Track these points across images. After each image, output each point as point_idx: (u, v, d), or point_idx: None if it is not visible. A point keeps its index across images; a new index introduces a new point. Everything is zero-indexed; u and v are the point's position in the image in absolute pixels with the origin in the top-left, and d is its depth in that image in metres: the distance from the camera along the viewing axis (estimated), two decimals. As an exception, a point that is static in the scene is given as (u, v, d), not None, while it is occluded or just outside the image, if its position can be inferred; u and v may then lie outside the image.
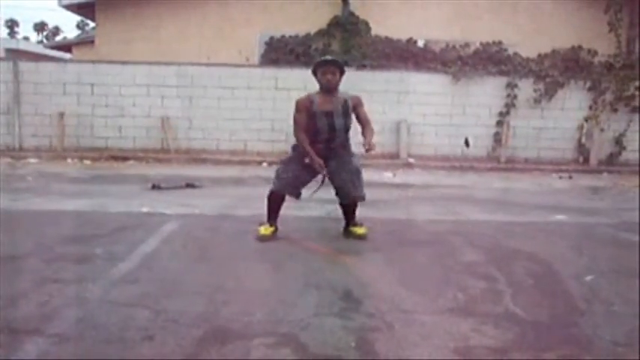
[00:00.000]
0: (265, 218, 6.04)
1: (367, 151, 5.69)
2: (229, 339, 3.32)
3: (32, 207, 7.48)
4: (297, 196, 6.02)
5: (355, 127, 6.02)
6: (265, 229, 5.92)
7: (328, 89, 5.78)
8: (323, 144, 5.83)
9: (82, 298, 3.96)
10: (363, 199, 6.11)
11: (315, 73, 5.82)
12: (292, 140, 6.19)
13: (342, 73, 5.83)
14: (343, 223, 6.28)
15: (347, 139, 6.00)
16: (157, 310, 3.73)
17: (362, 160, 6.28)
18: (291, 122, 5.94)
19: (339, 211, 6.30)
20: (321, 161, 5.75)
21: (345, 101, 5.83)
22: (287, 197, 6.03)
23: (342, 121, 5.80)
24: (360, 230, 6.13)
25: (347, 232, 6.20)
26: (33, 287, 4.15)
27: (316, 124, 5.76)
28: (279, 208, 6.02)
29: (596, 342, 3.49)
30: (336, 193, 6.12)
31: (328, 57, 6.11)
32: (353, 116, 5.96)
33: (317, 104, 5.75)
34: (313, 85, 5.93)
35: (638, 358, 3.24)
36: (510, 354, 3.26)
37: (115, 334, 3.36)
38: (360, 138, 5.87)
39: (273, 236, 5.90)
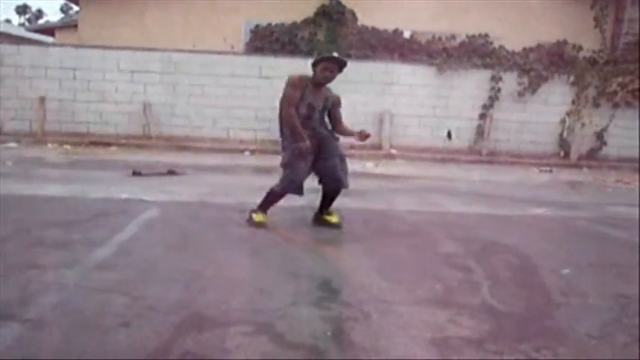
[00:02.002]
0: (249, 206, 6.14)
1: (363, 138, 5.83)
2: (206, 327, 3.31)
3: (11, 192, 7.39)
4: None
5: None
6: (260, 217, 5.96)
7: (321, 84, 5.75)
8: (309, 130, 5.77)
9: (59, 284, 3.93)
10: (347, 187, 6.08)
11: (315, 64, 5.70)
12: (274, 128, 6.14)
13: (339, 72, 5.78)
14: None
15: (327, 125, 6.01)
16: (134, 296, 3.72)
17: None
18: (275, 111, 5.90)
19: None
20: (308, 144, 5.66)
21: (327, 99, 5.86)
22: None
23: (318, 116, 5.83)
24: (334, 218, 6.14)
25: (319, 220, 6.18)
26: (10, 272, 4.11)
27: (297, 109, 5.70)
28: (277, 202, 6.08)
29: (570, 334, 3.52)
30: (321, 179, 6.04)
31: (335, 54, 6.00)
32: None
33: (307, 92, 5.71)
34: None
35: (611, 350, 3.29)
36: (486, 345, 3.28)
37: (92, 320, 3.34)
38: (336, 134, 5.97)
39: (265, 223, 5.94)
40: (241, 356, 2.99)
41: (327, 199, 6.15)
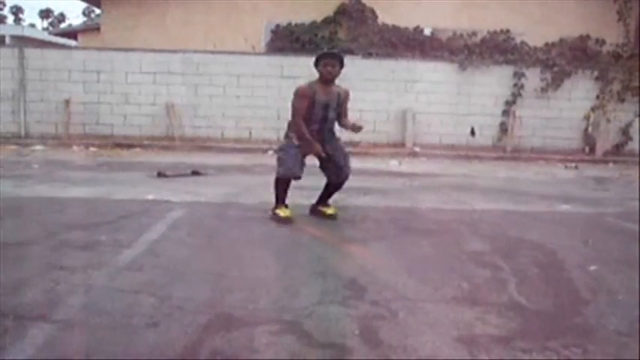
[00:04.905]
0: (272, 205, 6.29)
1: (356, 129, 6.11)
2: (234, 326, 3.33)
3: (38, 194, 7.49)
4: (299, 177, 6.20)
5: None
6: (284, 211, 6.17)
7: (327, 80, 6.02)
8: (315, 133, 6.06)
9: (88, 285, 3.97)
10: (348, 176, 6.36)
11: (316, 64, 6.03)
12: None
13: (341, 66, 6.04)
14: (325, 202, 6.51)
15: (333, 126, 6.30)
16: (161, 296, 3.75)
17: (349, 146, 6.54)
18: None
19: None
20: (319, 147, 5.97)
21: (339, 94, 6.13)
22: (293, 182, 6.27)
23: (334, 114, 6.13)
24: (330, 210, 6.41)
25: (316, 211, 6.46)
26: (38, 273, 4.17)
27: (312, 113, 6.00)
28: (287, 191, 6.24)
29: (599, 331, 3.49)
30: (329, 174, 6.32)
31: (333, 50, 6.29)
32: None
33: (318, 94, 5.97)
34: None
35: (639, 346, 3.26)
36: (514, 343, 3.26)
37: (120, 321, 3.38)
38: (339, 128, 6.33)
39: (291, 215, 6.18)
40: (269, 355, 3.01)
41: (329, 191, 6.43)
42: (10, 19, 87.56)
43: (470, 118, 15.38)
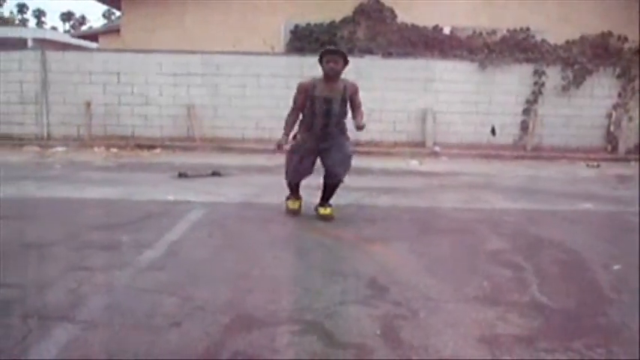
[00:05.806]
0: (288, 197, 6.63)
1: (359, 129, 5.96)
2: (255, 326, 3.34)
3: (60, 195, 7.55)
4: (309, 174, 6.44)
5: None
6: (293, 203, 6.53)
7: (330, 77, 6.03)
8: (320, 127, 6.14)
9: (110, 285, 4.01)
10: (341, 181, 6.37)
11: (320, 60, 6.07)
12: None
13: (345, 62, 6.05)
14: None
15: (344, 125, 6.29)
16: (183, 297, 3.77)
17: (355, 147, 6.60)
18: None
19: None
20: (285, 140, 6.28)
21: (345, 88, 6.10)
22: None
23: (338, 108, 6.10)
24: (325, 211, 6.41)
25: (316, 210, 6.52)
26: (61, 274, 4.20)
27: (315, 108, 6.06)
28: (299, 186, 6.58)
29: (623, 331, 3.46)
30: (325, 171, 6.38)
31: (333, 47, 6.43)
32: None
33: (318, 90, 6.04)
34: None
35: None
36: (536, 343, 3.24)
37: (143, 321, 3.40)
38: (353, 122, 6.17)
39: (300, 209, 6.55)
40: (290, 355, 3.01)
41: (326, 191, 6.45)
42: (33, 22, 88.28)
43: (490, 117, 15.27)
